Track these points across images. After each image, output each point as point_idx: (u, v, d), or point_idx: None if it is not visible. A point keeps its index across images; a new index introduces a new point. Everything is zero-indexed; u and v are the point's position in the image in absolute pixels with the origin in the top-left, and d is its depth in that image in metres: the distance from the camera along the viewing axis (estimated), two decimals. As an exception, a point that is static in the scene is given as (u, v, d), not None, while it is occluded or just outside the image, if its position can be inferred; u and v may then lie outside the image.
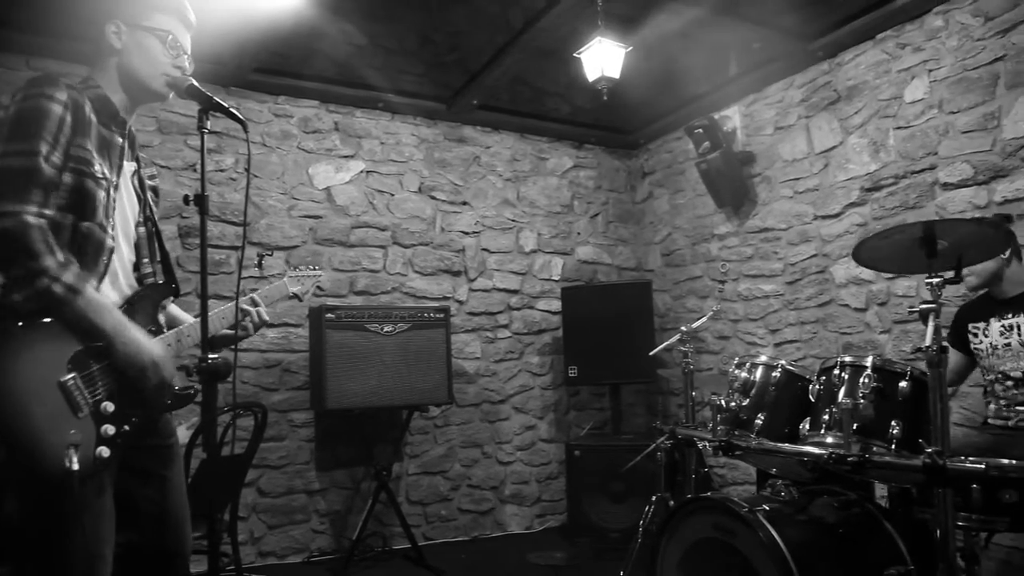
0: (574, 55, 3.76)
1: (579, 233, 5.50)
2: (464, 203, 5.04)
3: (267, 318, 2.09)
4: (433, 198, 4.92)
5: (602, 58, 3.66)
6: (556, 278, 5.33)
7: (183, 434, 2.96)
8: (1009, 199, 3.31)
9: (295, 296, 2.37)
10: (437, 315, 4.27)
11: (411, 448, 4.68)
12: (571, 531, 4.60)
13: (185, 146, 4.16)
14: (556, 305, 5.18)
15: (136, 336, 1.67)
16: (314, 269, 2.46)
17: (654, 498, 3.20)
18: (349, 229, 4.62)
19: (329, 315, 3.96)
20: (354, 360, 3.98)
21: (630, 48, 3.71)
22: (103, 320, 1.62)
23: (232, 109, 1.76)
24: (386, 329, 4.09)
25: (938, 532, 1.84)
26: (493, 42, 4.03)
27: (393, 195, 4.79)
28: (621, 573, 3.23)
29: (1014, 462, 2.21)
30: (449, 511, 4.76)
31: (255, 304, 2.07)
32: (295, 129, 4.52)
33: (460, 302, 4.94)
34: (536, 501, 5.09)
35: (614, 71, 3.71)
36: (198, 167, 1.58)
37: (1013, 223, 2.93)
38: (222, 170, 4.25)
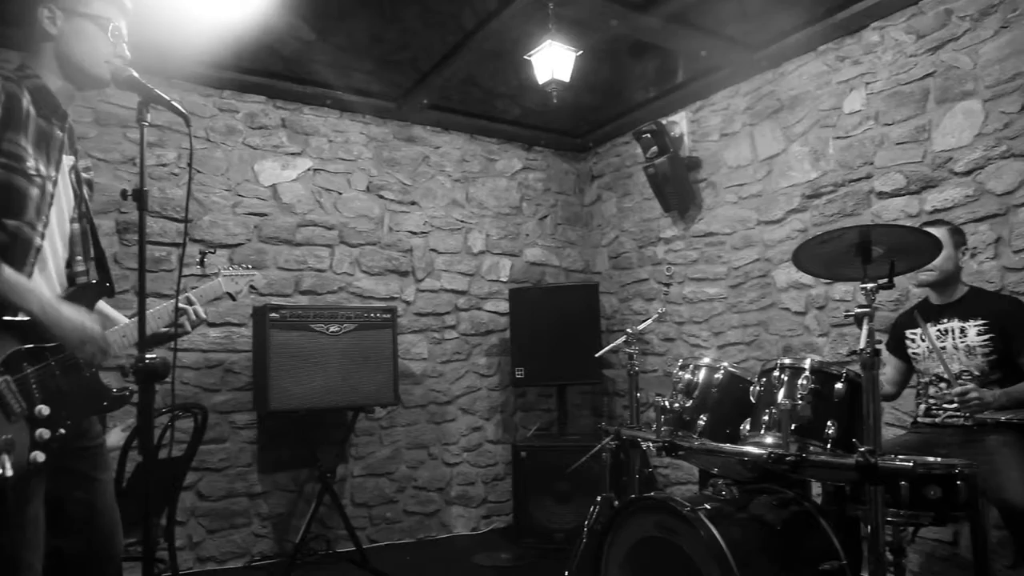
0: (525, 57, 3.78)
1: (528, 235, 5.52)
2: (413, 203, 5.01)
3: (204, 315, 2.05)
4: (381, 197, 4.88)
5: (552, 61, 3.69)
6: (504, 279, 5.35)
7: (118, 436, 2.88)
8: (938, 208, 3.45)
9: (229, 295, 2.33)
10: (384, 315, 4.23)
11: (356, 450, 4.63)
12: (517, 532, 4.61)
13: (124, 139, 4.03)
14: (504, 306, 5.19)
15: (66, 312, 1.62)
16: (248, 268, 2.42)
17: (599, 498, 3.23)
18: (295, 227, 4.54)
19: (273, 315, 3.89)
20: (299, 360, 3.92)
21: (580, 52, 3.75)
22: (28, 302, 1.57)
23: (174, 102, 1.71)
24: (332, 329, 4.04)
25: (869, 527, 1.90)
26: (444, 42, 4.02)
27: (341, 194, 4.73)
28: (566, 573, 3.25)
29: (939, 460, 2.31)
30: (394, 513, 4.72)
31: (191, 303, 2.03)
32: (241, 125, 4.42)
33: (407, 303, 4.91)
34: (482, 502, 5.09)
35: (564, 74, 3.74)
36: (138, 161, 1.53)
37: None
38: (164, 165, 4.14)
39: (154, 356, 1.59)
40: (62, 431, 1.60)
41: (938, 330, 2.92)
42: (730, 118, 4.57)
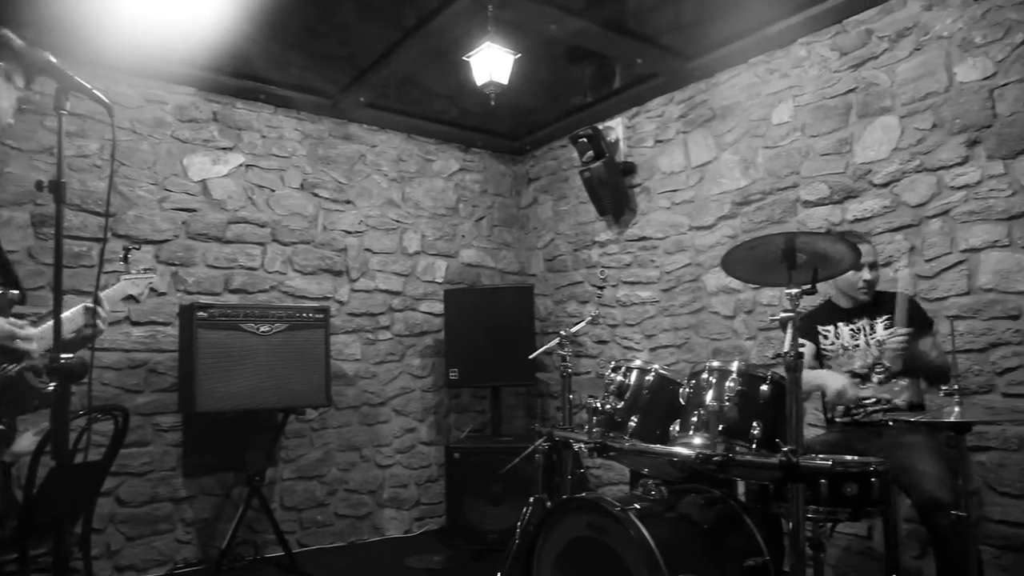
0: (464, 58, 3.78)
1: (464, 236, 5.51)
2: (348, 202, 4.94)
3: (105, 316, 1.99)
4: (316, 195, 4.80)
5: (491, 63, 3.70)
6: (440, 280, 5.32)
7: (29, 441, 2.73)
8: (859, 218, 3.60)
9: (132, 298, 2.27)
10: (316, 315, 4.16)
11: (286, 452, 4.53)
12: (450, 534, 4.60)
13: (41, 127, 3.85)
14: (439, 307, 5.16)
15: None
16: (146, 271, 2.37)
17: (532, 499, 3.24)
18: (226, 224, 4.42)
19: (201, 313, 3.77)
20: (227, 361, 3.81)
21: (519, 55, 3.77)
22: None
23: (95, 91, 1.64)
24: (262, 329, 3.95)
25: (790, 524, 1.97)
26: (383, 39, 3.98)
27: (274, 191, 4.62)
28: (498, 574, 3.25)
29: (856, 458, 2.42)
30: (325, 516, 4.64)
31: (98, 303, 1.96)
32: (169, 117, 4.28)
33: (341, 303, 4.84)
34: (415, 504, 5.05)
35: (502, 77, 3.76)
36: (56, 151, 1.45)
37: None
38: (85, 156, 3.97)
39: (71, 356, 1.52)
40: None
41: (851, 329, 3.06)
42: (665, 125, 4.66)
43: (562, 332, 3.27)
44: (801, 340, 3.16)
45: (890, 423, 2.86)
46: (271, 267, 4.57)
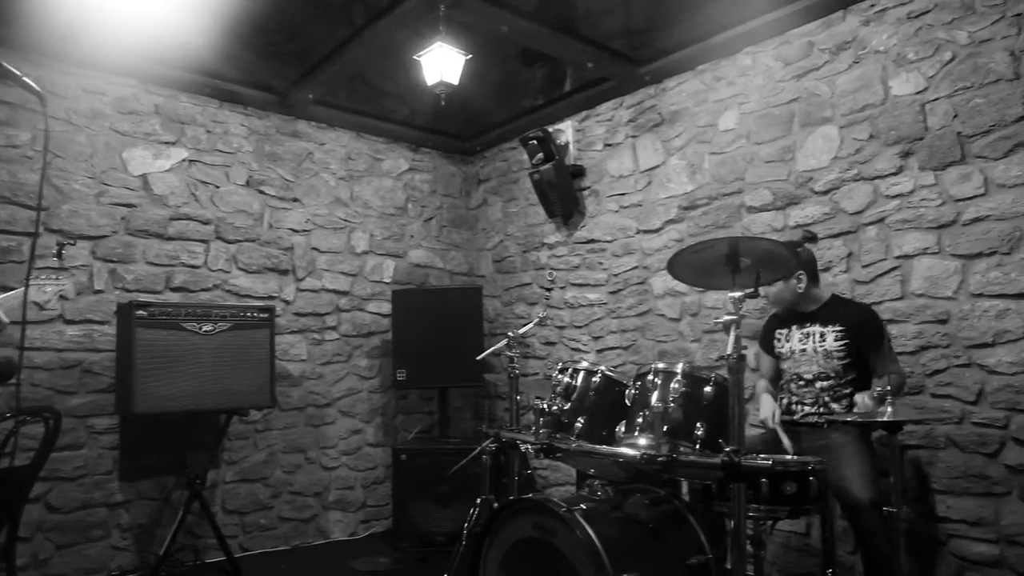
0: (414, 57, 3.76)
1: (412, 236, 5.48)
2: (295, 200, 4.86)
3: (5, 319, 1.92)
4: (262, 193, 4.70)
5: (442, 63, 3.69)
6: (387, 280, 5.28)
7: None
8: (801, 224, 3.70)
9: (36, 305, 2.19)
10: (261, 315, 4.08)
11: (229, 455, 4.43)
12: (397, 536, 4.56)
13: (-31, 117, 3.69)
14: (386, 308, 5.12)
15: None
16: (57, 280, 2.28)
17: (479, 500, 3.24)
18: (167, 221, 4.30)
19: (140, 312, 3.66)
20: (168, 361, 3.71)
21: (470, 56, 3.76)
22: None
23: (26, 78, 1.58)
24: (205, 328, 3.85)
25: (732, 522, 2.01)
26: (333, 36, 3.92)
27: (218, 187, 4.52)
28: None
29: (795, 458, 2.48)
30: (269, 520, 4.55)
31: None
32: (108, 108, 4.14)
33: (287, 302, 4.75)
34: (361, 507, 5.00)
35: (453, 77, 3.74)
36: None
37: (817, 242, 3.27)
38: (15, 146, 3.81)
39: (-1, 355, 1.46)
40: None
41: (802, 333, 3.15)
42: (614, 129, 4.72)
43: (510, 333, 3.28)
44: (761, 353, 3.28)
45: (824, 423, 2.96)
46: (215, 265, 4.46)
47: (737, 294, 2.09)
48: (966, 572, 3.09)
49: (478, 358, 3.83)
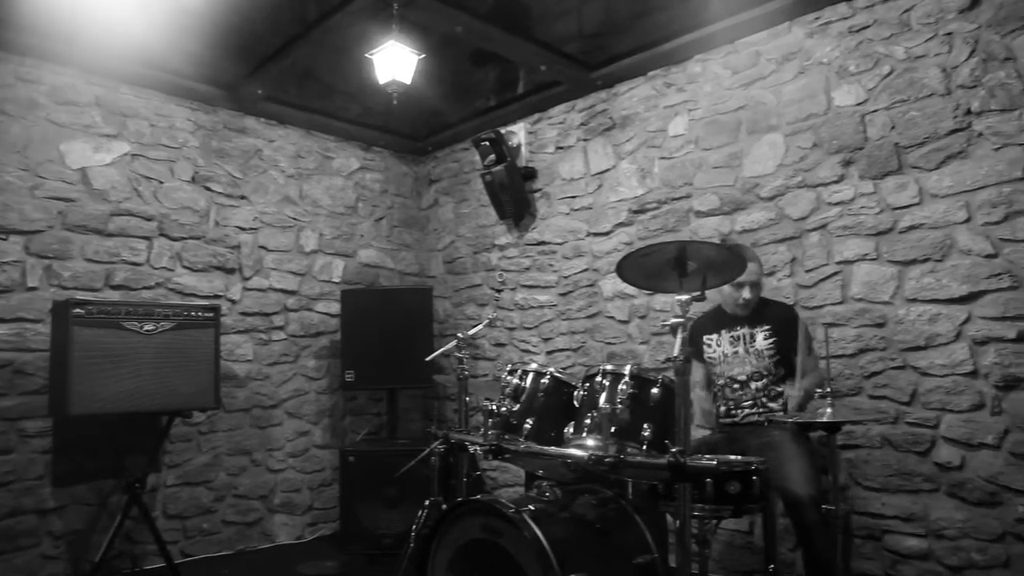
0: (366, 55, 3.72)
1: (362, 236, 5.42)
2: (242, 197, 4.76)
3: None
4: (208, 189, 4.60)
5: (394, 62, 3.66)
6: (337, 280, 5.22)
7: None
8: (747, 229, 3.79)
9: None
10: (206, 314, 3.98)
11: (171, 457, 4.31)
12: (344, 539, 4.51)
13: None
14: (335, 308, 5.06)
15: None
16: None
17: (427, 502, 3.23)
18: (108, 216, 4.17)
19: (78, 310, 3.53)
20: (107, 361, 3.58)
21: (423, 56, 3.75)
22: None
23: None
24: (147, 328, 3.74)
25: (677, 522, 2.05)
26: (284, 32, 3.86)
27: (163, 183, 4.40)
28: (392, 578, 3.22)
29: (739, 458, 2.54)
30: (212, 524, 4.45)
31: None
32: (44, 98, 3.99)
33: (233, 301, 4.66)
34: (308, 509, 4.92)
35: (405, 76, 3.72)
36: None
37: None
38: (-55, 137, 3.65)
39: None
40: None
41: (731, 336, 3.22)
42: (566, 132, 4.75)
43: (459, 334, 3.27)
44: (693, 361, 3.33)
45: (766, 423, 3.03)
46: (158, 263, 4.34)
47: (684, 297, 2.13)
48: (898, 565, 3.21)
49: (427, 359, 3.81)
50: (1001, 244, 3.00)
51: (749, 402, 3.15)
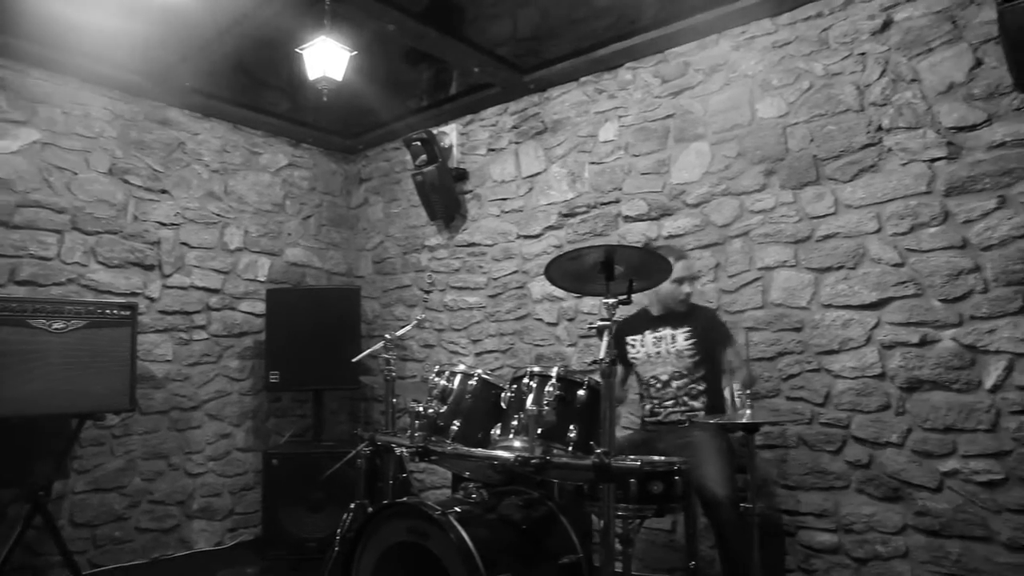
0: (297, 50, 3.65)
1: (289, 234, 5.31)
2: (163, 191, 4.59)
3: None
4: (126, 182, 4.41)
5: (325, 58, 3.60)
6: (262, 279, 5.08)
7: None
8: (673, 235, 3.88)
9: None
10: (122, 312, 3.81)
11: (80, 462, 4.11)
12: (266, 544, 4.39)
13: None
14: (260, 307, 4.93)
15: None
16: None
17: (353, 505, 3.18)
18: (13, 207, 3.95)
19: (-22, 307, 3.34)
20: (11, 360, 3.39)
21: (355, 52, 3.70)
22: None
23: None
24: (56, 326, 3.56)
25: (602, 522, 2.07)
26: (214, 22, 3.74)
27: (76, 174, 4.20)
28: (315, 584, 3.16)
29: (662, 458, 2.60)
30: (124, 532, 4.26)
31: None
32: (-55, 82, 3.77)
33: (151, 299, 4.48)
34: (228, 514, 4.78)
35: (337, 73, 3.67)
36: None
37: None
38: None
39: None
40: None
41: (655, 337, 3.30)
42: (498, 135, 4.76)
43: (387, 335, 3.24)
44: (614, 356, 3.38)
45: (687, 423, 3.11)
46: (69, 258, 4.14)
47: (610, 300, 2.16)
48: (811, 559, 3.34)
49: (354, 360, 3.76)
50: (907, 254, 3.17)
51: (671, 401, 3.23)
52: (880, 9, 3.30)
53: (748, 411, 2.59)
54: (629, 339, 3.37)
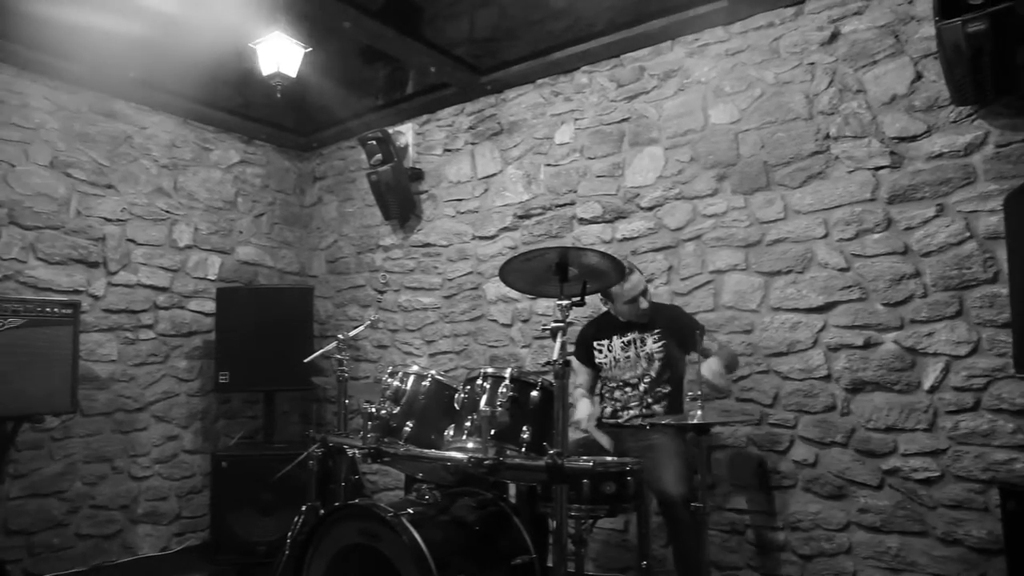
0: (250, 45, 3.58)
1: (241, 232, 5.21)
2: (109, 186, 4.46)
3: None
4: (69, 176, 4.27)
5: (279, 54, 3.55)
6: (212, 278, 4.98)
7: None
8: (628, 237, 3.93)
9: None
10: (63, 310, 3.68)
11: (17, 467, 3.95)
12: (215, 548, 4.29)
13: None
14: (210, 306, 4.82)
15: None
16: None
17: (304, 508, 3.14)
18: (-52, 201, 3.80)
19: (-91, 304, 3.20)
20: (-57, 360, 3.27)
21: (310, 49, 3.65)
22: None
23: None
24: (-8, 324, 3.43)
25: (554, 522, 2.08)
26: (161, 12, 3.65)
27: (14, 166, 4.05)
28: (264, 588, 3.11)
29: (614, 459, 2.62)
30: (64, 539, 4.11)
31: None
32: None
33: (95, 297, 4.35)
34: (175, 518, 4.66)
35: (291, 69, 3.62)
36: None
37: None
38: None
39: None
40: None
41: (623, 342, 3.31)
42: (454, 135, 4.75)
43: (340, 336, 3.21)
44: (578, 366, 3.39)
45: (647, 426, 3.14)
46: (6, 254, 3.99)
47: (564, 302, 2.17)
48: (759, 557, 3.41)
49: (306, 360, 3.70)
50: (853, 259, 3.26)
51: (636, 403, 3.24)
52: (828, 21, 3.39)
53: (699, 412, 2.64)
54: (596, 344, 3.38)
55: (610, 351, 3.34)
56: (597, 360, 3.38)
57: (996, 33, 2.68)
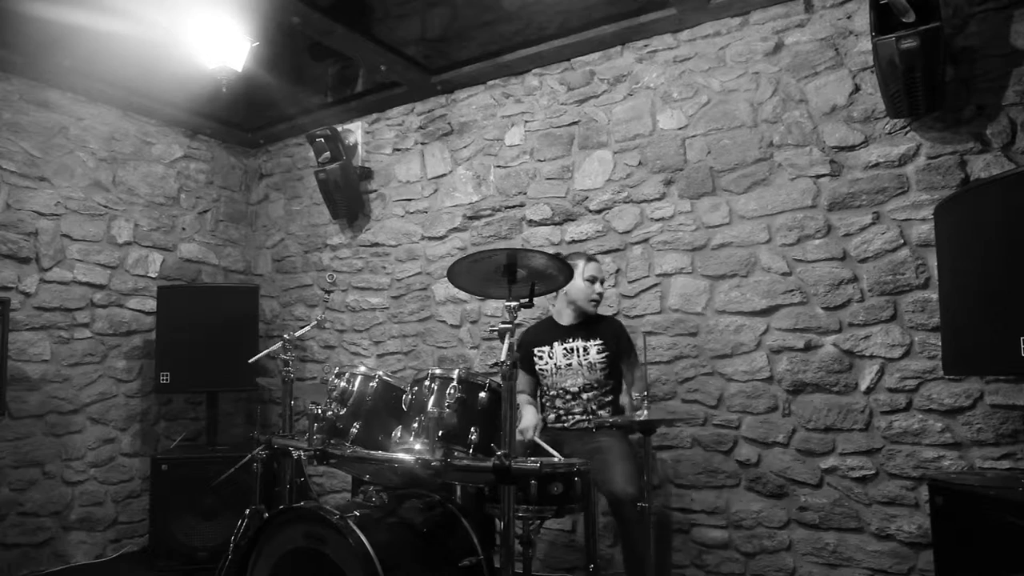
0: (194, 37, 3.50)
1: (184, 229, 5.07)
2: (42, 179, 4.29)
3: None
4: None
5: (225, 47, 3.47)
6: (153, 275, 4.84)
7: None
8: (576, 239, 3.96)
9: None
10: (-7, 308, 3.55)
11: (-59, 470, 3.79)
12: (154, 555, 4.17)
13: None
14: (151, 305, 4.68)
15: None
16: None
17: (248, 511, 3.08)
18: None
19: None
20: None
21: (257, 43, 3.58)
22: None
23: None
24: (-85, 322, 3.28)
25: (502, 523, 2.09)
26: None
27: (-59, 157, 3.88)
28: (204, 594, 3.04)
29: (562, 460, 2.64)
30: (-11, 546, 3.95)
31: None
32: None
33: (26, 294, 4.18)
34: (112, 524, 4.51)
35: (237, 64, 3.55)
36: None
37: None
38: None
39: None
40: None
41: (564, 348, 3.31)
42: (404, 134, 4.72)
43: (286, 336, 3.15)
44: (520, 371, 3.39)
45: (593, 428, 3.17)
46: (-68, 249, 3.82)
47: (512, 303, 2.17)
48: (703, 555, 3.48)
49: (251, 360, 3.63)
50: (794, 264, 3.36)
51: (579, 411, 3.26)
52: (772, 32, 3.48)
53: (645, 412, 2.67)
54: (536, 350, 3.36)
55: (551, 358, 3.33)
56: (538, 367, 3.36)
57: (926, 51, 2.80)
